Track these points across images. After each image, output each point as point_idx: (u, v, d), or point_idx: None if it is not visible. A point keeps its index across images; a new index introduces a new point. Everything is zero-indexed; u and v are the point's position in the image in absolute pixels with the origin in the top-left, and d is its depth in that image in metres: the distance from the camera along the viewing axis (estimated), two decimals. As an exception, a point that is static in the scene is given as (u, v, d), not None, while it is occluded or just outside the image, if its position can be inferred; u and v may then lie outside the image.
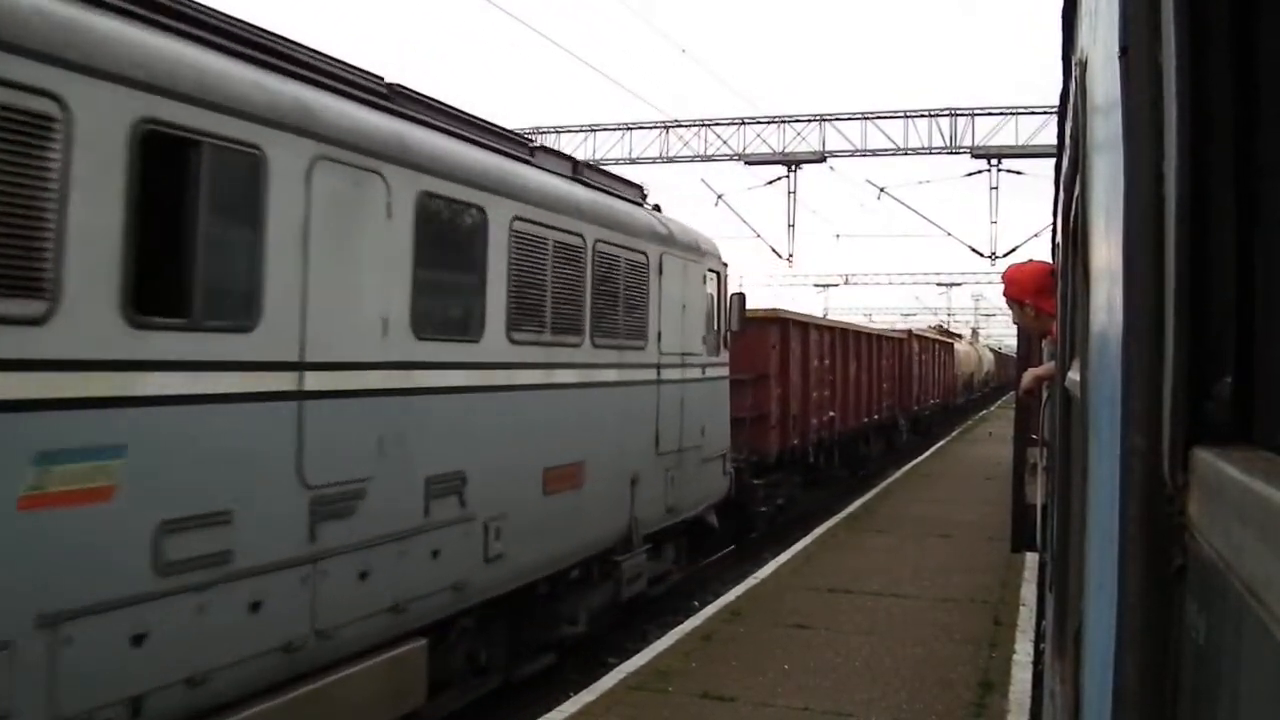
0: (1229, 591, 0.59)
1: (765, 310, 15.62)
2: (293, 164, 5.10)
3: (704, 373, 10.79)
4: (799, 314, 17.10)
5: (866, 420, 20.77)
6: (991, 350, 60.46)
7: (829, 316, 30.90)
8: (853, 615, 9.40)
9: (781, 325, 15.62)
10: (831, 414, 17.78)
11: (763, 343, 14.84)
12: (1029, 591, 9.89)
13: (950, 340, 38.48)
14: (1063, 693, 1.91)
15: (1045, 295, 4.83)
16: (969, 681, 7.47)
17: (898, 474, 21.01)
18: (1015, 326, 6.59)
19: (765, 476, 14.83)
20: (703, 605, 10.20)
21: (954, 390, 37.07)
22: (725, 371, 11.78)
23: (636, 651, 8.58)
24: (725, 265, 11.76)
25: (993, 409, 48.32)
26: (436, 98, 7.09)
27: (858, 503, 16.82)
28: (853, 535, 13.79)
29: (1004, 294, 5.37)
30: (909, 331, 27.28)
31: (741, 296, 11.72)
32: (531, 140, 8.19)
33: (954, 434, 32.71)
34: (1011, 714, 6.72)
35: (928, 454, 25.42)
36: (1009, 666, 7.78)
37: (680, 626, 9.18)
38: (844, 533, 14.00)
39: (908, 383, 25.54)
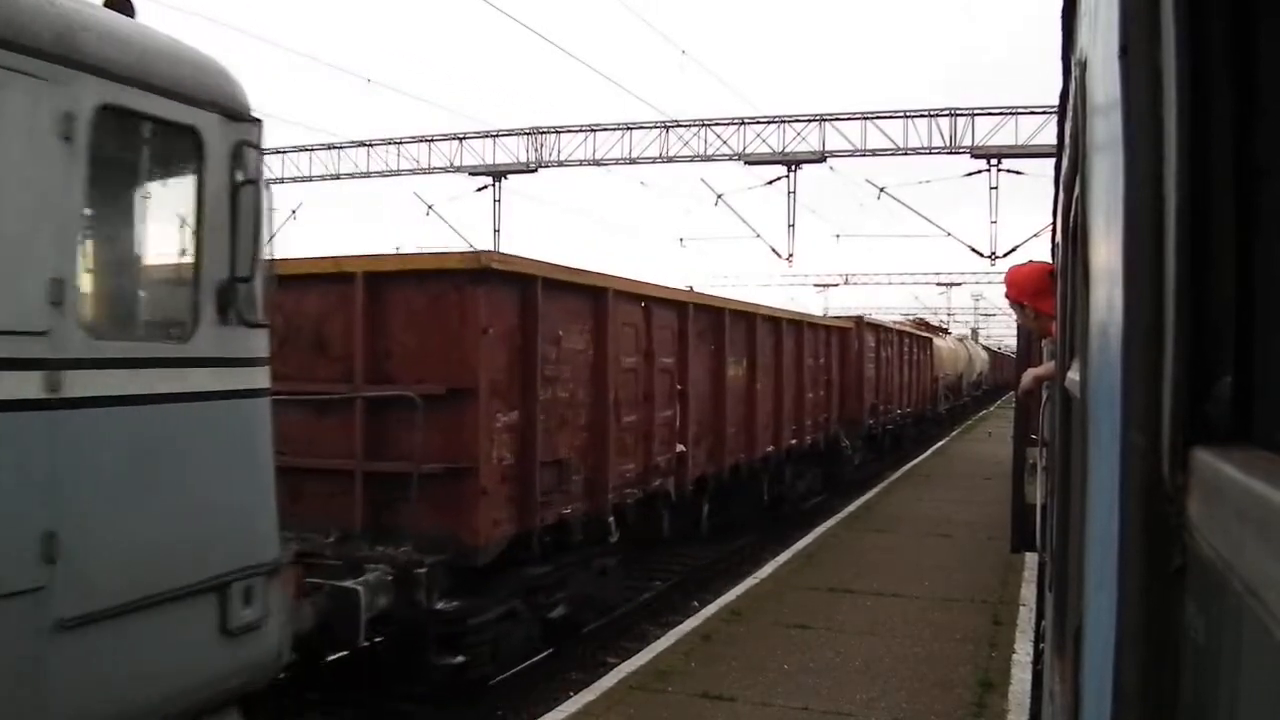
0: (1228, 591, 0.60)
1: (458, 254, 8.15)
2: None
3: (60, 387, 3.69)
4: (570, 270, 8.60)
5: (773, 448, 14.36)
6: (987, 349, 58.65)
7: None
8: (853, 615, 9.40)
9: (522, 288, 7.76)
10: (680, 448, 10.99)
11: (463, 323, 7.27)
12: (1029, 591, 9.89)
13: (928, 335, 30.84)
14: (1062, 692, 1.91)
15: (1043, 296, 4.86)
16: (969, 681, 7.47)
17: (896, 475, 21.01)
18: (1016, 326, 6.60)
19: (486, 587, 7.54)
20: (703, 605, 10.19)
21: (931, 396, 29.57)
22: (244, 380, 4.67)
23: (636, 651, 8.58)
24: (256, 124, 4.74)
25: (991, 409, 48.35)
26: None
27: (857, 502, 16.83)
28: (853, 535, 13.81)
29: (1005, 296, 5.44)
30: (859, 320, 20.70)
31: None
32: None
33: (953, 434, 32.72)
34: (1011, 714, 6.73)
35: (927, 454, 25.43)
36: (1009, 666, 7.79)
37: (680, 626, 9.18)
38: (844, 532, 14.01)
39: (856, 389, 19.29)
